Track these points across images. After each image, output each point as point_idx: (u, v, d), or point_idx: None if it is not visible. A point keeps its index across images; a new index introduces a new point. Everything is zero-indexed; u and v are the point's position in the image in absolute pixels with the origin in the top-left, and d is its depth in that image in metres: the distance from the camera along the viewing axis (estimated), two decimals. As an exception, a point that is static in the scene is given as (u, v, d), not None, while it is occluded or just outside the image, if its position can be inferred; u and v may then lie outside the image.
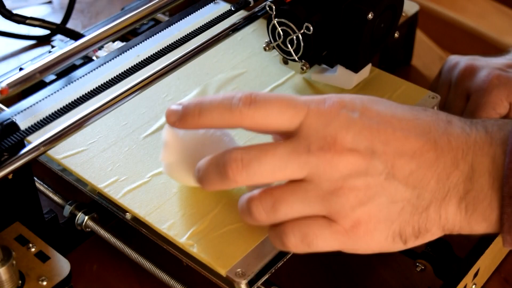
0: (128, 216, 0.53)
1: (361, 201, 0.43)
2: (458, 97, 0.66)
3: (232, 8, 0.61)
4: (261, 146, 0.44)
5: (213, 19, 0.59)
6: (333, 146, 0.43)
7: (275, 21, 0.58)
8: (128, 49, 0.55)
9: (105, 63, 0.54)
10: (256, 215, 0.45)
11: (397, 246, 0.45)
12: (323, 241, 0.44)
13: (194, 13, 0.60)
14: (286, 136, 0.45)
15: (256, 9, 0.61)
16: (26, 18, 0.75)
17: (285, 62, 0.62)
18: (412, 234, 0.44)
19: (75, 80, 0.53)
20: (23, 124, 0.49)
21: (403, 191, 0.43)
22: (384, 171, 0.43)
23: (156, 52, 0.56)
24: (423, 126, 0.44)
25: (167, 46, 0.56)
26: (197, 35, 0.58)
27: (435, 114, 0.46)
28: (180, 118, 0.46)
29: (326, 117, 0.44)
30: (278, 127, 0.44)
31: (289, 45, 0.59)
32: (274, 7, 0.58)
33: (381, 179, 0.43)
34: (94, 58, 0.67)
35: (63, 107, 0.50)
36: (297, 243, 0.44)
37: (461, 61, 0.67)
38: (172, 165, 0.52)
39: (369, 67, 0.63)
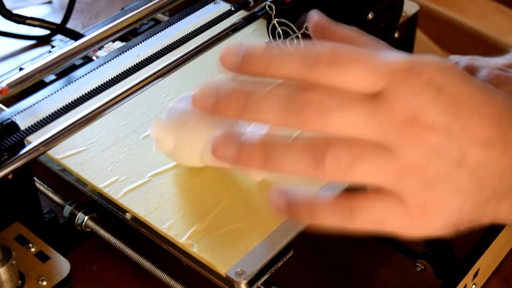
0: (128, 216, 0.53)
1: (429, 183, 0.41)
2: (458, 97, 0.65)
3: (232, 8, 0.61)
4: (343, 96, 0.39)
5: (213, 19, 0.59)
6: (416, 120, 0.40)
7: (275, 21, 0.58)
8: (128, 49, 0.55)
9: (105, 63, 0.54)
10: (327, 167, 0.40)
11: (446, 233, 0.43)
12: (396, 223, 0.41)
13: (194, 13, 0.60)
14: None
15: (256, 9, 0.61)
16: (26, 18, 0.75)
17: (285, 62, 0.62)
18: (465, 224, 0.43)
19: (75, 80, 0.53)
20: (23, 124, 0.49)
21: (468, 182, 0.41)
22: (456, 157, 0.41)
23: (156, 52, 0.56)
24: (495, 113, 0.42)
25: (167, 46, 0.56)
26: (197, 35, 0.58)
27: (506, 99, 0.43)
28: (242, 62, 0.42)
29: (412, 87, 0.40)
30: (358, 90, 0.40)
31: (289, 45, 0.59)
32: (274, 7, 0.58)
33: (452, 166, 0.41)
34: (94, 58, 0.67)
35: (63, 107, 0.50)
36: (369, 226, 0.41)
37: (461, 61, 0.67)
38: (170, 153, 0.53)
39: (369, 67, 0.63)
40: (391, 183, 0.41)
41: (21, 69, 0.66)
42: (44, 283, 0.49)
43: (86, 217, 0.56)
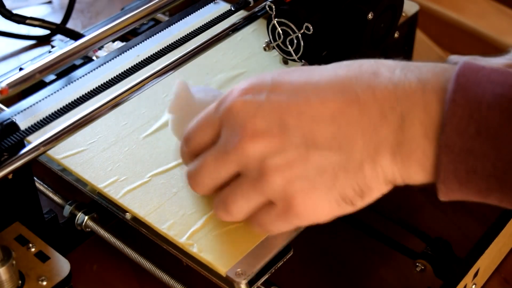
0: (128, 216, 0.53)
1: (288, 179, 0.43)
2: (458, 97, 0.65)
3: (232, 8, 0.61)
4: (196, 161, 0.48)
5: (213, 19, 0.59)
6: (244, 135, 0.43)
7: (275, 21, 0.58)
8: (128, 49, 0.55)
9: (105, 63, 0.54)
10: (222, 217, 0.48)
11: (347, 209, 0.44)
12: (275, 225, 0.46)
13: (194, 13, 0.60)
14: None
15: (256, 9, 0.61)
16: (26, 18, 0.75)
17: (285, 62, 0.62)
18: (355, 195, 0.43)
19: (75, 80, 0.53)
20: (23, 124, 0.49)
21: (329, 156, 0.42)
22: (303, 143, 0.42)
23: (156, 52, 0.56)
24: (342, 82, 0.43)
25: (167, 46, 0.56)
26: (197, 35, 0.58)
27: (358, 67, 0.44)
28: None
29: (233, 112, 0.45)
30: (210, 143, 0.47)
31: (289, 45, 0.59)
32: (274, 7, 0.58)
33: (301, 152, 0.43)
34: (94, 58, 0.67)
35: (63, 107, 0.50)
36: (258, 231, 0.48)
37: (461, 61, 0.67)
38: (179, 119, 0.54)
39: (369, 67, 0.63)
40: (259, 198, 0.45)
41: (21, 69, 0.66)
42: (44, 283, 0.49)
43: (86, 217, 0.56)
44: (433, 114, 0.41)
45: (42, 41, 0.81)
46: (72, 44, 0.51)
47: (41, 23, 0.76)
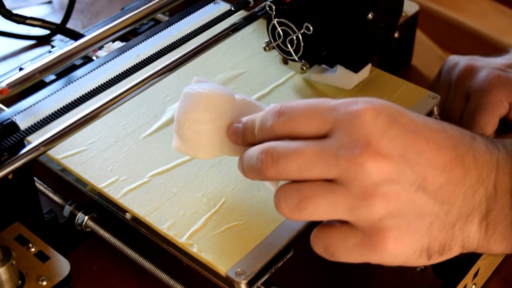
0: (128, 216, 0.53)
1: (390, 212, 0.41)
2: (458, 97, 0.65)
3: (232, 8, 0.61)
4: (290, 144, 0.43)
5: (213, 19, 0.59)
6: (365, 149, 0.41)
7: (275, 21, 0.58)
8: (128, 49, 0.55)
9: (105, 63, 0.54)
10: (279, 210, 0.43)
11: (421, 262, 0.43)
12: (345, 253, 0.43)
13: (194, 13, 0.60)
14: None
15: (256, 9, 0.61)
16: (26, 18, 0.75)
17: (285, 62, 0.62)
18: (437, 250, 0.43)
19: (75, 80, 0.53)
20: (23, 124, 0.49)
21: (432, 205, 0.42)
22: (415, 182, 0.41)
23: (156, 52, 0.56)
24: (451, 139, 0.43)
25: (167, 46, 0.56)
26: (197, 35, 0.58)
27: (460, 129, 0.44)
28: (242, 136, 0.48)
29: (359, 120, 0.42)
30: (309, 135, 0.43)
31: (289, 45, 0.59)
32: (274, 7, 0.58)
33: (412, 191, 0.41)
34: (94, 58, 0.67)
35: (63, 107, 0.50)
36: (320, 252, 0.44)
37: (461, 61, 0.67)
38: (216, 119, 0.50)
39: (369, 67, 0.63)
40: (346, 216, 0.42)
41: (21, 69, 0.66)
42: (44, 283, 0.49)
43: (86, 217, 0.56)
44: None
45: (42, 41, 0.81)
46: (72, 44, 0.51)
47: (41, 23, 0.76)
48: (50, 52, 0.71)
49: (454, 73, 0.67)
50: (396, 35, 0.62)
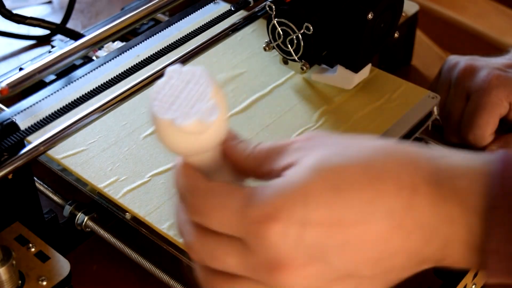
0: (128, 216, 0.53)
1: None
2: (458, 97, 0.65)
3: (232, 8, 0.61)
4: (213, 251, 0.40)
5: (213, 19, 0.59)
6: (283, 269, 0.37)
7: (275, 21, 0.58)
8: (128, 49, 0.55)
9: (105, 63, 0.54)
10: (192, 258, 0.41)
11: None
12: None
13: (194, 13, 0.60)
14: None
15: (256, 9, 0.62)
16: (26, 18, 0.75)
17: (285, 62, 0.62)
18: None
19: (75, 80, 0.53)
20: (23, 124, 0.49)
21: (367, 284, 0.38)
22: (343, 274, 0.38)
23: (156, 52, 0.56)
24: (384, 207, 0.37)
25: (167, 46, 0.56)
26: (197, 35, 0.58)
27: (396, 181, 0.37)
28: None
29: (266, 241, 0.37)
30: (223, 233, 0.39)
31: (289, 45, 0.59)
32: (274, 7, 0.58)
33: (338, 283, 0.38)
34: (94, 58, 0.67)
35: (63, 107, 0.50)
36: None
37: (461, 61, 0.67)
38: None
39: (369, 67, 0.63)
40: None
41: (21, 69, 0.66)
42: (44, 283, 0.49)
43: (86, 217, 0.56)
44: (477, 233, 0.37)
45: (42, 41, 0.81)
46: (72, 44, 0.51)
47: (41, 23, 0.76)
48: (50, 52, 0.71)
49: (454, 73, 0.67)
50: (396, 35, 0.62)
